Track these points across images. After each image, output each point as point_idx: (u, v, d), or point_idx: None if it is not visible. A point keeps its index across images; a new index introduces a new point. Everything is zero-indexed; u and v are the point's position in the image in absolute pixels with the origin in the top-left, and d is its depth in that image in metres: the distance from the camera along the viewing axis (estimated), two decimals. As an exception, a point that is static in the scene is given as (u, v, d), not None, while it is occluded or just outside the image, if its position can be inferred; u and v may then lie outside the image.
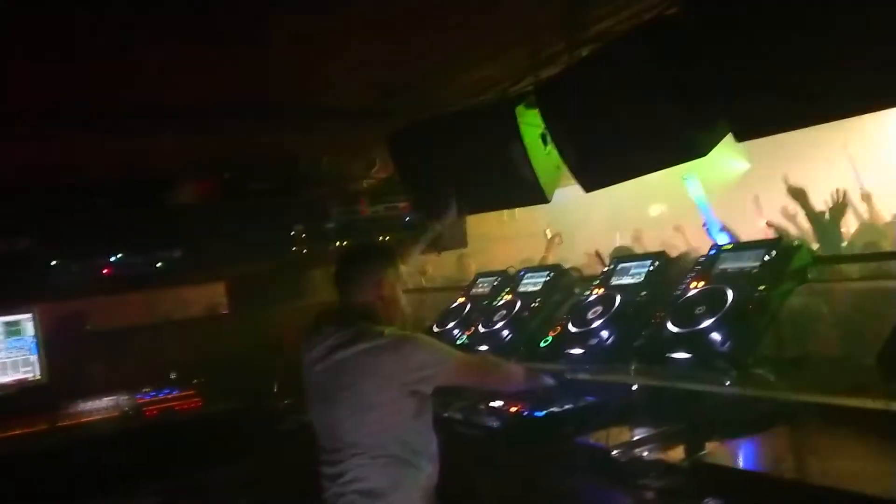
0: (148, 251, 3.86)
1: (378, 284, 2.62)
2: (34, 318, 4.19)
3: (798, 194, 4.29)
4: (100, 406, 4.15)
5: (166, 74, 2.87)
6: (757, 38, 2.16)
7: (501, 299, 3.79)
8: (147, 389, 4.35)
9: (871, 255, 3.34)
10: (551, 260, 5.72)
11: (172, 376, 4.50)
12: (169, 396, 4.29)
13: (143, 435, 3.92)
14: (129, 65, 2.72)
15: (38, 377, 4.18)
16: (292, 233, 3.96)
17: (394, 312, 2.67)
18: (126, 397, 4.23)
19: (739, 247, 2.78)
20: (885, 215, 5.16)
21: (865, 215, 5.29)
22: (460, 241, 4.88)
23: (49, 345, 4.21)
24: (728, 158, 7.96)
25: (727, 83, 2.29)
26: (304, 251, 4.04)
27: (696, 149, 2.48)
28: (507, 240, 7.15)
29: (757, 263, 2.56)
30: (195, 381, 4.39)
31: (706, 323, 2.47)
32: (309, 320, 2.70)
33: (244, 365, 4.17)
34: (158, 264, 3.89)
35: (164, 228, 3.82)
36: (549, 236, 6.66)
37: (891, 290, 2.45)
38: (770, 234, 4.43)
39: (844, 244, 4.19)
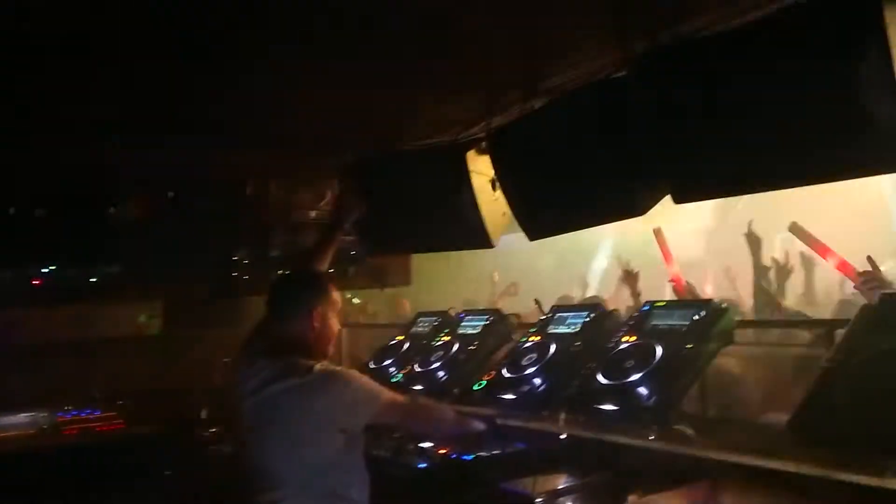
0: (83, 265, 3.76)
1: (312, 315, 2.58)
2: (-45, 326, 4.03)
3: (753, 241, 4.39)
4: (15, 422, 3.99)
5: (114, 89, 2.85)
6: (698, 106, 2.26)
7: (440, 340, 3.80)
8: (68, 408, 4.20)
9: (792, 322, 3.48)
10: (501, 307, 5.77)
11: (96, 395, 4.36)
12: (90, 416, 4.15)
13: (58, 454, 3.77)
14: (78, 77, 2.69)
15: (-48, 388, 4.01)
16: (234, 258, 3.91)
17: (326, 344, 2.65)
18: (45, 414, 4.08)
19: (672, 305, 2.87)
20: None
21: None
22: (404, 278, 4.90)
23: (-34, 355, 4.05)
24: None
25: (667, 147, 2.39)
26: (245, 277, 3.99)
27: (636, 208, 2.57)
28: (451, 281, 7.18)
29: (686, 322, 2.64)
30: (119, 402, 4.26)
31: (634, 377, 2.53)
32: (237, 347, 2.67)
33: (172, 389, 4.07)
34: (93, 279, 3.79)
35: (101, 243, 3.73)
36: (496, 280, 6.73)
37: (810, 357, 2.55)
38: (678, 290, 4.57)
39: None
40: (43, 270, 3.80)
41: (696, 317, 2.64)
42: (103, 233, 4.04)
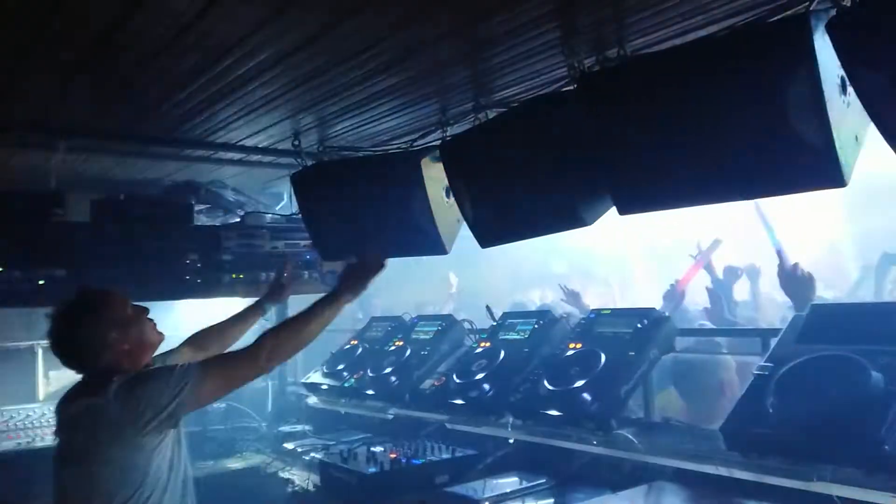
0: (30, 267, 3.69)
1: (107, 343, 2.33)
2: None
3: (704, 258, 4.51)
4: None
5: (63, 93, 2.82)
6: (640, 121, 2.34)
7: (393, 345, 3.84)
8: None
9: (731, 331, 3.60)
10: (447, 309, 5.83)
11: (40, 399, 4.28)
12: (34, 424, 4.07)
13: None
14: (26, 80, 2.66)
15: None
16: (186, 261, 3.88)
17: (137, 357, 2.41)
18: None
19: (617, 312, 2.94)
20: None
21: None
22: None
23: None
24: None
25: (612, 160, 2.46)
26: (198, 280, 3.96)
27: (581, 219, 2.63)
28: (409, 284, 7.21)
29: (630, 330, 2.72)
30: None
31: (578, 383, 2.60)
32: None
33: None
34: (40, 282, 3.72)
35: (49, 245, 3.66)
36: (452, 281, 6.79)
37: (746, 365, 2.65)
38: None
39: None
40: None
41: (640, 324, 2.72)
42: (48, 235, 3.95)
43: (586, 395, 2.55)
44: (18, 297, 3.96)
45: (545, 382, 2.74)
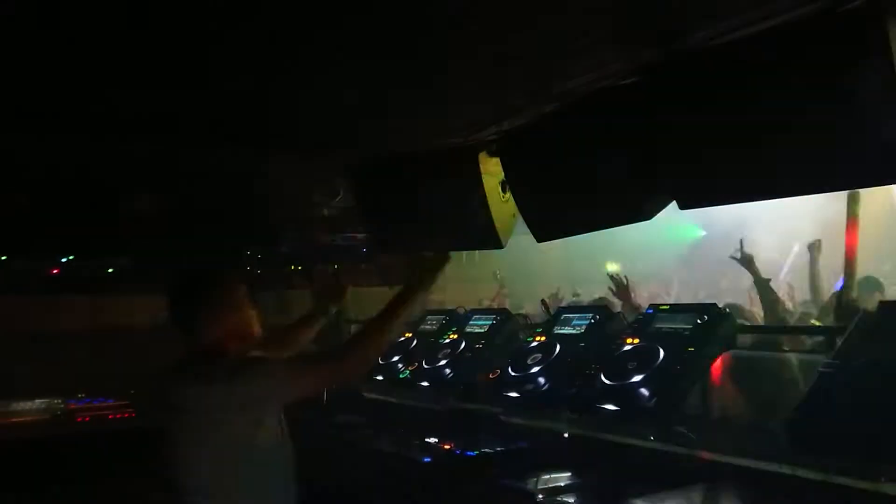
0: (99, 256, 3.84)
1: (220, 319, 2.41)
2: (-27, 313, 4.12)
3: (746, 259, 4.44)
4: (31, 407, 4.07)
5: (133, 86, 2.92)
6: (704, 114, 2.31)
7: (447, 338, 3.87)
8: (81, 395, 4.28)
9: (794, 329, 3.52)
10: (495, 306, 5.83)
11: (108, 385, 4.44)
12: (103, 405, 4.23)
13: (71, 440, 3.85)
14: (103, 70, 2.76)
15: (-29, 373, 4.09)
16: (246, 252, 3.98)
17: (247, 345, 2.48)
18: (59, 401, 4.16)
19: (675, 308, 2.91)
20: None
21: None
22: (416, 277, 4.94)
23: (-16, 340, 4.13)
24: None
25: (674, 154, 2.44)
26: (257, 272, 4.06)
27: (641, 213, 2.61)
28: (462, 281, 7.23)
29: (689, 326, 2.69)
30: (131, 392, 4.34)
31: (636, 378, 2.59)
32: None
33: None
34: (109, 270, 3.87)
35: (118, 235, 3.81)
36: (499, 277, 6.79)
37: (809, 363, 2.59)
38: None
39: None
40: (61, 261, 3.89)
41: (699, 321, 2.69)
42: (118, 226, 4.11)
43: (644, 391, 2.54)
44: (86, 285, 4.13)
45: (602, 377, 2.73)
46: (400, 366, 3.90)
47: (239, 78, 2.85)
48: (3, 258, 3.92)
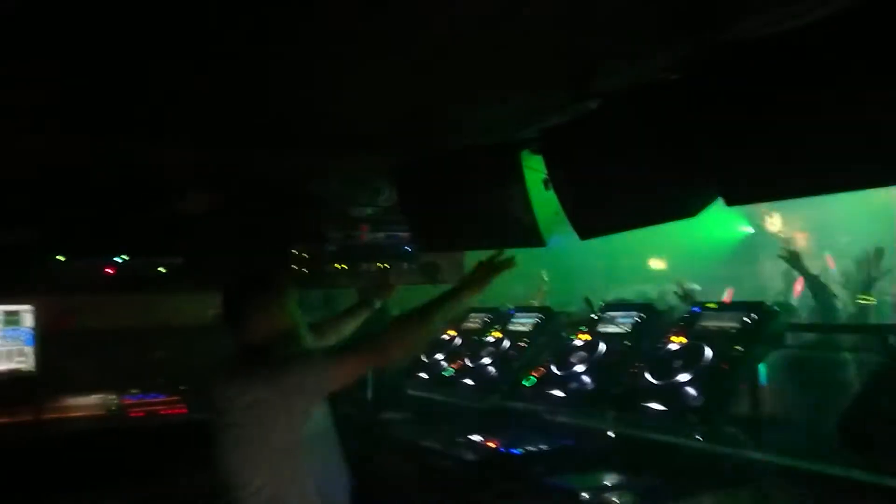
0: (151, 255, 3.96)
1: (269, 317, 2.54)
2: (33, 311, 4.26)
3: (793, 257, 4.36)
4: (87, 403, 4.21)
5: (182, 87, 2.98)
6: (750, 109, 2.27)
7: (490, 336, 3.87)
8: (134, 391, 4.41)
9: (845, 327, 3.44)
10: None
11: (160, 381, 4.56)
12: (155, 400, 4.35)
13: (125, 435, 3.97)
14: (152, 73, 2.83)
15: (31, 369, 4.24)
16: (293, 251, 4.05)
17: (294, 342, 2.59)
18: (113, 396, 4.29)
19: (722, 307, 2.87)
20: None
21: None
22: (457, 275, 4.96)
23: (44, 338, 4.28)
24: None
25: (720, 150, 2.40)
26: (303, 270, 4.13)
27: (687, 209, 2.58)
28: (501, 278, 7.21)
29: (736, 324, 2.65)
30: (182, 388, 4.45)
31: (682, 377, 2.56)
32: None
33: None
34: (160, 269, 3.98)
35: (169, 235, 3.92)
36: (545, 279, 6.74)
37: (862, 362, 2.53)
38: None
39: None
40: (116, 260, 4.02)
41: (747, 319, 2.64)
42: (168, 226, 4.23)
43: (691, 390, 2.51)
44: (140, 283, 4.26)
45: (647, 376, 2.71)
46: (444, 363, 3.93)
47: (288, 82, 2.90)
48: (62, 258, 4.06)
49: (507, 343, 3.70)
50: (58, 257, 4.08)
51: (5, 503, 3.55)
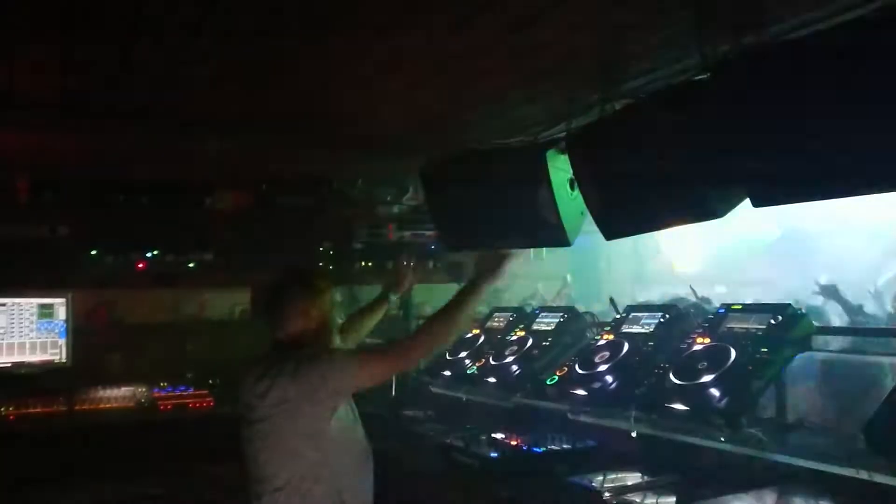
0: (181, 251, 4.04)
1: (304, 314, 2.60)
2: (67, 303, 4.36)
3: (829, 293, 4.27)
4: (117, 395, 4.30)
5: (216, 86, 3.04)
6: (779, 110, 2.25)
7: (514, 335, 3.88)
8: (163, 384, 4.49)
9: (873, 330, 3.39)
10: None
11: (189, 375, 4.64)
12: (183, 394, 4.43)
13: (154, 427, 4.05)
14: (184, 73, 2.89)
15: (64, 360, 4.34)
16: (320, 249, 4.10)
17: (324, 340, 2.64)
18: (143, 389, 4.38)
19: (748, 308, 2.85)
20: None
21: None
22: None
23: (77, 330, 4.38)
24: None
25: (747, 150, 2.38)
26: (330, 268, 4.18)
27: (713, 211, 2.56)
28: (528, 279, 7.20)
29: (762, 326, 2.63)
30: (210, 381, 4.52)
31: (706, 378, 2.54)
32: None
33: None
34: (190, 264, 4.05)
35: (199, 231, 3.99)
36: (569, 282, 6.72)
37: (890, 366, 2.50)
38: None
39: None
40: (147, 255, 4.11)
41: (773, 321, 2.62)
42: (198, 222, 4.31)
43: (714, 391, 2.49)
44: (170, 278, 4.34)
45: (671, 376, 2.69)
46: (467, 362, 3.94)
47: (318, 79, 2.95)
48: (94, 253, 4.16)
49: (530, 342, 3.71)
50: (91, 252, 4.17)
51: (38, 489, 3.64)
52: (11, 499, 3.60)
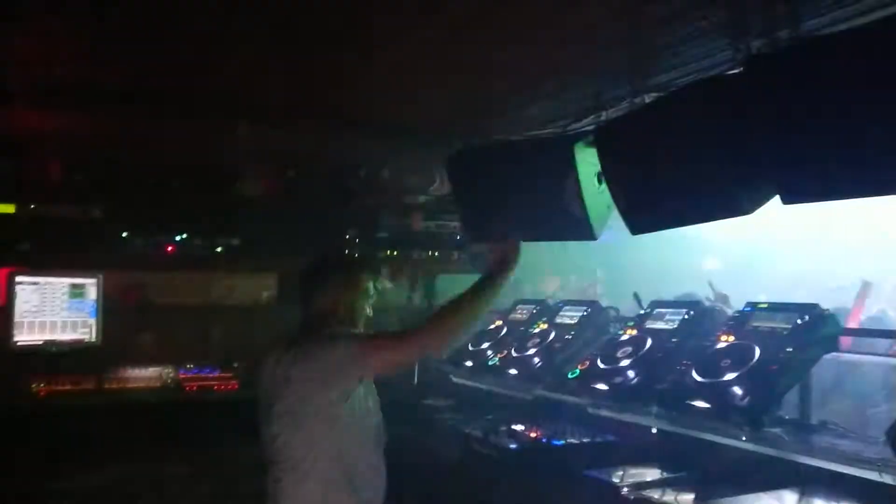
0: (210, 235, 4.09)
1: (335, 294, 2.66)
2: (98, 284, 4.44)
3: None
4: (145, 375, 4.37)
5: (249, 72, 3.07)
6: (811, 107, 2.22)
7: (537, 327, 3.88)
8: (189, 366, 4.56)
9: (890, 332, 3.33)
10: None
11: (214, 357, 4.71)
12: (209, 375, 4.49)
13: (180, 407, 4.13)
14: (215, 58, 2.92)
15: (94, 339, 4.42)
16: (346, 236, 4.13)
17: (342, 325, 2.65)
18: (170, 370, 4.45)
19: (774, 307, 2.81)
20: None
21: None
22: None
23: (107, 310, 4.46)
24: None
25: (779, 147, 2.35)
26: (356, 255, 4.20)
27: (742, 207, 2.54)
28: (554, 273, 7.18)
29: (788, 325, 2.60)
30: (235, 364, 4.58)
31: (729, 376, 2.52)
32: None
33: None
34: (218, 249, 4.11)
35: (228, 216, 4.04)
36: (599, 277, 6.68)
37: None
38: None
39: None
40: (176, 238, 4.17)
41: (800, 321, 2.59)
42: (228, 207, 4.36)
43: (737, 389, 2.47)
44: (199, 261, 4.40)
45: (693, 373, 2.67)
46: (489, 353, 3.94)
47: (345, 68, 2.96)
48: (125, 235, 4.23)
49: (553, 335, 3.70)
50: (122, 234, 4.24)
51: (66, 464, 3.73)
52: (40, 473, 3.69)
